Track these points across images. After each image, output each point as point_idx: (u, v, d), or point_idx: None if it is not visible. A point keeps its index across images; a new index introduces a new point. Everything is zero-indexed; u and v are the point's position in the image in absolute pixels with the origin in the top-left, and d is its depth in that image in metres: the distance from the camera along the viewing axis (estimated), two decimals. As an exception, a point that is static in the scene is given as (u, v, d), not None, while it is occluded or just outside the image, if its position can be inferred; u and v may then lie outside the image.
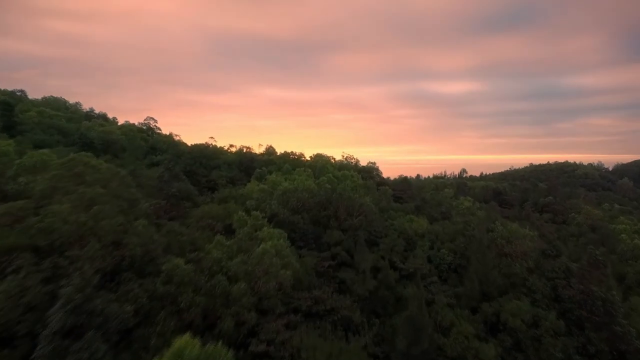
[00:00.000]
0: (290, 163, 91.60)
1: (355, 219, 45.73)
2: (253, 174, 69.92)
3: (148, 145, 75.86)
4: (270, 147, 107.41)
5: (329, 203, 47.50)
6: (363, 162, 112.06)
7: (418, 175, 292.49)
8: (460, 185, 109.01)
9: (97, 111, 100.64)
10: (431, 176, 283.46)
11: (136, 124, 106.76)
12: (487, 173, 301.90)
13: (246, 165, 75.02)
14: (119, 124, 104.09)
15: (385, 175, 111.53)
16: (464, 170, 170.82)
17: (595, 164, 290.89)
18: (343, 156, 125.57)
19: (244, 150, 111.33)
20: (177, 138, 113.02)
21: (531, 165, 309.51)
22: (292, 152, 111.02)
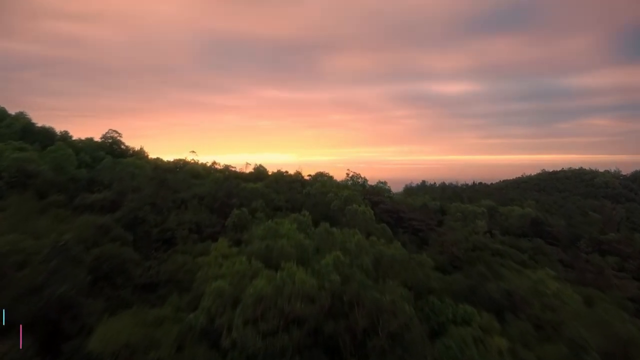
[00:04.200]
0: (282, 191, 72.57)
1: (382, 335, 26.34)
2: (229, 217, 50.79)
3: (90, 175, 56.37)
4: (260, 166, 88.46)
5: (337, 299, 28.18)
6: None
7: (424, 182, 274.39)
8: (491, 212, 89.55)
9: (40, 124, 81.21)
10: (437, 183, 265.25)
11: (96, 139, 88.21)
12: (501, 180, 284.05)
13: (221, 202, 55.67)
14: (74, 139, 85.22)
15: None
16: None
17: (613, 171, 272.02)
18: (348, 174, 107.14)
19: (228, 170, 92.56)
20: (152, 156, 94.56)
21: (544, 171, 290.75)
22: (286, 171, 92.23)
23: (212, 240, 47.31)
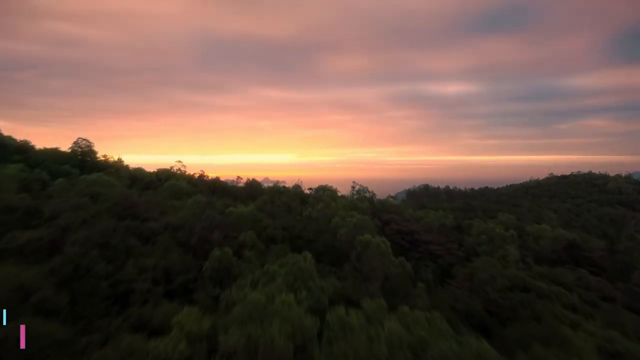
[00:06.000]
0: (278, 213, 61.13)
1: None
2: (208, 260, 39.16)
3: (34, 202, 44.38)
4: (253, 181, 76.60)
5: None
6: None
7: (427, 186, 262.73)
8: (518, 232, 78.00)
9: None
10: (440, 186, 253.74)
11: (61, 149, 76.28)
12: (507, 184, 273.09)
13: (200, 236, 43.97)
14: (37, 148, 73.56)
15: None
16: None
17: (624, 175, 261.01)
18: (353, 187, 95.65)
19: (217, 183, 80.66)
20: (146, 159, 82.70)
21: (552, 175, 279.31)
22: (284, 185, 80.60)
23: (183, 295, 35.90)
